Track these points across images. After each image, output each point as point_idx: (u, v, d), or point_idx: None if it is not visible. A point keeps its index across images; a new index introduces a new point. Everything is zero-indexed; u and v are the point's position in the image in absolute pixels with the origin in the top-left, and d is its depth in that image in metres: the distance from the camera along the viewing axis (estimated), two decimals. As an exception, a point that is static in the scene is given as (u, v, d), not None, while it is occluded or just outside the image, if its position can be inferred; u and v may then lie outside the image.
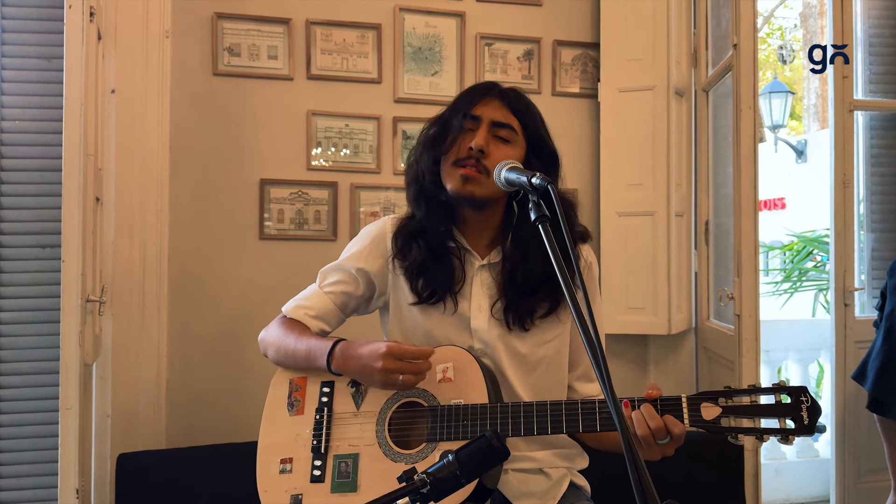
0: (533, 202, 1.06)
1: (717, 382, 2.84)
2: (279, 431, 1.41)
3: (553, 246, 1.00)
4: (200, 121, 2.62)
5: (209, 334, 2.63)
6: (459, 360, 1.34)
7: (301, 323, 1.47)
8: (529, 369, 1.43)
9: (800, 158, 7.28)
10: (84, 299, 1.92)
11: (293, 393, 1.43)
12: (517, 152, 1.41)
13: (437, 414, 1.31)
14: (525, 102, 1.44)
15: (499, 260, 1.44)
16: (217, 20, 2.63)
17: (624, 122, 2.90)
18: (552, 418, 1.26)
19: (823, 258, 5.17)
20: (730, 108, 2.76)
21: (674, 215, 2.87)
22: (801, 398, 1.17)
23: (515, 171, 1.17)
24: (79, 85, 1.88)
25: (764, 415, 1.18)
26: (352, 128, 2.73)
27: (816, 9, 10.22)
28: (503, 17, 2.89)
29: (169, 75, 2.57)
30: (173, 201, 2.57)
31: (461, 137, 1.40)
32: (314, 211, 2.70)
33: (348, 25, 2.74)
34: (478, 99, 1.41)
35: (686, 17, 2.98)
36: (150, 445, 2.47)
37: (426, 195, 1.43)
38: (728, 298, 2.53)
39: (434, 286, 1.40)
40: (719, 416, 1.19)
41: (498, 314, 1.41)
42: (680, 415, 1.20)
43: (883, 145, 3.34)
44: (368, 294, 1.51)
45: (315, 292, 1.51)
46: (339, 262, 1.52)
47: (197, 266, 2.62)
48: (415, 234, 1.43)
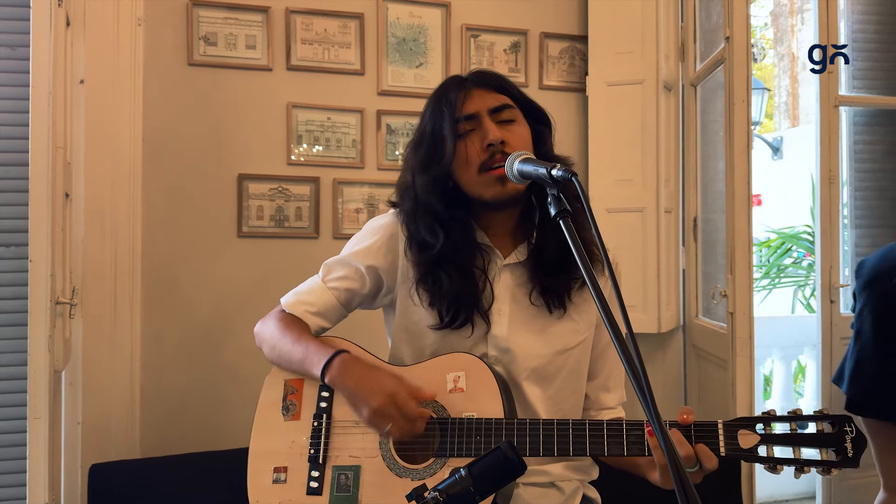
0: (552, 195, 0.98)
1: (707, 381, 2.80)
2: (273, 437, 1.31)
3: (577, 244, 0.93)
4: (175, 113, 2.50)
5: (185, 337, 2.51)
6: (472, 368, 1.25)
7: (300, 321, 1.36)
8: (549, 380, 1.33)
9: (775, 155, 7.32)
10: (53, 301, 1.81)
11: (289, 396, 1.33)
12: (525, 128, 1.32)
13: (448, 427, 1.22)
14: (501, 76, 1.35)
15: (524, 259, 1.34)
16: (192, 7, 2.51)
17: (612, 116, 2.84)
18: (574, 440, 1.17)
19: (800, 254, 5.19)
20: (719, 102, 2.72)
21: (663, 211, 2.82)
22: (845, 428, 1.10)
23: (530, 163, 1.09)
24: (47, 73, 1.77)
25: (805, 444, 1.11)
26: (334, 121, 2.63)
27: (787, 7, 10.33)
28: (489, 8, 2.81)
29: (141, 65, 2.45)
30: (146, 197, 2.45)
31: (467, 143, 1.28)
32: (295, 207, 2.60)
33: (330, 14, 2.63)
34: (459, 97, 1.30)
35: (674, 10, 2.93)
36: (123, 455, 2.35)
37: (442, 221, 1.30)
38: (721, 296, 2.49)
39: (458, 308, 1.29)
40: (757, 445, 1.12)
41: (537, 300, 1.31)
42: (716, 442, 1.13)
43: (867, 141, 3.34)
44: (375, 291, 1.41)
45: (317, 286, 1.40)
46: (345, 256, 1.40)
47: (172, 265, 2.50)
48: (437, 262, 1.30)
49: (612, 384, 1.43)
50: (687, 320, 3.02)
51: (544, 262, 1.30)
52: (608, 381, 1.42)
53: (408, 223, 1.34)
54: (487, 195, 1.28)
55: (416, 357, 1.34)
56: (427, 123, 1.33)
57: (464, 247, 1.30)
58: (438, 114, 1.31)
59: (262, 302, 1.46)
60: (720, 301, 2.52)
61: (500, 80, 1.34)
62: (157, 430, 2.47)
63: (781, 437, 1.11)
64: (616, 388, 1.43)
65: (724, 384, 2.51)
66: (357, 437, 1.26)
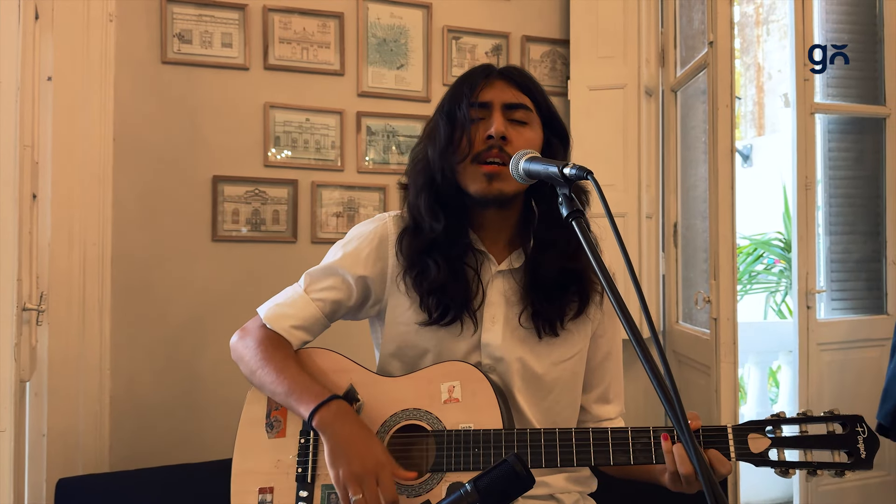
0: (563, 196, 0.94)
1: (689, 387, 2.79)
2: (257, 456, 1.24)
3: (592, 247, 0.89)
4: (147, 112, 2.41)
5: (157, 344, 2.41)
6: (467, 377, 1.19)
7: (283, 341, 1.28)
8: (544, 392, 1.28)
9: (745, 163, 7.41)
10: (20, 308, 1.71)
11: (273, 412, 1.26)
12: (536, 134, 1.27)
13: (443, 440, 1.16)
14: (531, 78, 1.31)
15: (520, 265, 1.29)
16: (166, 4, 2.43)
17: (594, 121, 2.82)
18: (578, 449, 1.13)
19: (770, 261, 5.24)
20: (700, 108, 2.72)
21: (644, 217, 2.81)
22: (857, 428, 1.08)
23: (539, 162, 1.04)
24: (14, 68, 1.68)
25: (816, 446, 1.08)
26: (313, 122, 2.57)
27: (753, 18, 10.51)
28: (471, 10, 2.77)
29: (112, 62, 2.36)
30: (117, 199, 2.36)
31: (472, 130, 1.23)
32: (272, 211, 2.52)
33: (309, 13, 2.57)
34: (480, 82, 1.25)
35: (654, 14, 2.93)
36: (91, 469, 2.25)
37: (442, 202, 1.24)
38: (704, 301, 2.48)
39: (448, 303, 1.23)
40: (767, 449, 1.09)
41: (526, 323, 1.26)
42: (726, 447, 1.09)
43: (841, 148, 3.37)
44: (361, 301, 1.34)
45: (300, 298, 1.32)
46: (330, 265, 1.33)
47: (143, 270, 2.40)
48: (429, 248, 1.24)
49: (611, 395, 1.39)
50: (667, 326, 3.01)
51: (539, 284, 1.25)
52: (607, 393, 1.38)
53: (411, 201, 1.28)
54: (472, 188, 1.23)
55: (406, 368, 1.28)
56: (446, 102, 1.28)
57: (456, 238, 1.25)
58: (457, 95, 1.26)
59: (237, 308, 1.38)
60: (703, 307, 2.51)
61: (528, 80, 1.29)
62: (128, 442, 2.37)
63: (792, 439, 1.09)
64: (616, 400, 1.39)
65: (707, 390, 2.50)
66: (348, 453, 1.19)
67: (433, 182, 1.25)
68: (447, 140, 1.24)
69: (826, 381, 3.02)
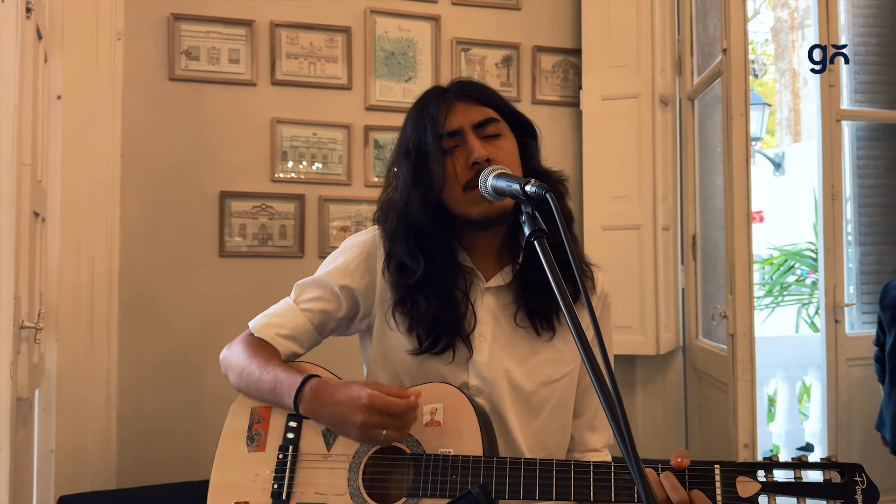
0: (527, 214, 0.90)
1: (707, 405, 2.70)
2: (235, 469, 1.21)
3: (553, 269, 0.84)
4: (155, 129, 2.43)
5: (164, 359, 2.42)
6: (451, 400, 1.15)
7: (269, 345, 1.26)
8: (533, 413, 1.24)
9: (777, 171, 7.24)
10: (17, 326, 1.72)
11: (254, 425, 1.23)
12: (511, 142, 1.24)
13: (422, 464, 1.12)
14: (485, 87, 1.27)
15: (508, 282, 1.26)
16: (174, 21, 2.44)
17: (607, 131, 2.76)
18: (558, 482, 1.07)
19: (804, 272, 5.09)
20: (717, 116, 2.64)
21: (660, 229, 2.73)
22: (856, 478, 1.00)
23: (504, 178, 1.00)
24: (12, 86, 1.69)
25: (810, 494, 1.01)
26: (320, 136, 2.56)
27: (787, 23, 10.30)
28: (480, 21, 2.74)
29: (121, 80, 2.38)
30: (125, 215, 2.37)
31: (451, 161, 1.20)
32: (279, 225, 2.51)
33: (316, 28, 2.57)
34: (441, 109, 1.21)
35: (670, 22, 2.86)
36: (98, 485, 2.26)
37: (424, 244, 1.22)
38: (721, 317, 2.39)
39: (439, 333, 1.20)
40: (757, 494, 1.02)
41: (523, 322, 1.23)
42: (712, 489, 1.03)
43: (870, 156, 3.25)
44: (351, 314, 1.31)
45: (289, 308, 1.30)
46: (319, 277, 1.31)
47: (150, 285, 2.41)
48: (416, 286, 1.21)
49: (598, 423, 1.33)
50: (687, 341, 2.92)
51: (530, 284, 1.22)
52: (594, 420, 1.32)
53: (390, 242, 1.25)
54: (474, 213, 1.20)
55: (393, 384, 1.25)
56: (409, 138, 1.24)
57: (446, 269, 1.22)
58: (421, 129, 1.22)
59: (244, 323, 1.36)
60: (720, 322, 2.43)
61: (484, 91, 1.26)
62: (134, 457, 2.38)
63: (785, 485, 1.01)
64: (602, 429, 1.34)
65: (726, 408, 2.41)
66: (324, 472, 1.16)
67: (408, 226, 1.22)
68: (423, 180, 1.21)
69: (856, 397, 2.90)
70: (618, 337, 2.77)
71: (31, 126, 1.83)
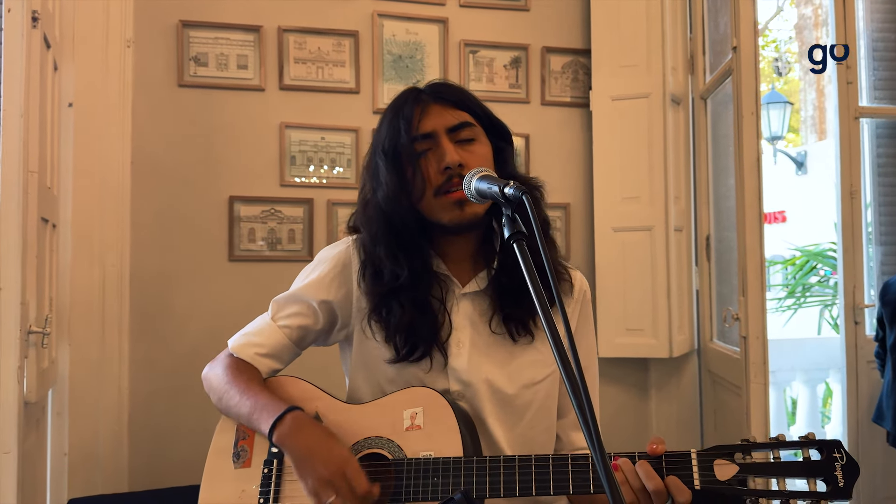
0: (506, 216, 0.89)
1: (722, 409, 2.66)
2: (222, 486, 1.22)
3: (531, 270, 0.83)
4: (165, 135, 2.45)
5: (175, 363, 2.44)
6: (431, 404, 1.15)
7: (249, 367, 1.26)
8: (516, 417, 1.23)
9: (800, 170, 7.12)
10: (24, 331, 1.74)
11: (240, 441, 1.24)
12: (486, 146, 1.22)
13: (403, 469, 1.12)
14: (461, 90, 1.25)
15: (484, 287, 1.24)
16: (182, 28, 2.47)
17: (618, 131, 2.73)
18: (538, 477, 1.06)
19: (827, 272, 5.00)
20: (730, 115, 2.60)
21: (673, 230, 2.70)
22: (835, 454, 0.98)
23: (486, 181, 0.99)
24: (18, 95, 1.71)
25: (790, 474, 0.99)
26: (328, 141, 2.56)
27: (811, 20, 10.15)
28: (488, 23, 2.73)
29: (131, 87, 2.41)
30: (135, 220, 2.40)
31: (424, 164, 1.18)
32: (288, 230, 2.53)
33: (323, 33, 2.58)
34: (415, 111, 1.19)
35: (682, 20, 2.83)
36: (110, 487, 2.28)
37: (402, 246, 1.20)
38: (733, 319, 2.35)
39: (415, 341, 1.19)
40: (736, 476, 1.00)
41: (498, 328, 1.22)
42: (689, 474, 1.01)
43: (890, 154, 3.18)
44: (328, 327, 1.31)
45: (267, 325, 1.30)
46: (295, 291, 1.30)
47: (161, 290, 2.44)
48: (393, 292, 1.20)
49: None
50: (702, 344, 2.88)
51: (506, 289, 1.20)
52: None
53: (368, 248, 1.23)
54: (445, 219, 1.18)
55: (376, 394, 1.24)
56: (384, 140, 1.23)
57: (421, 276, 1.20)
58: (395, 131, 1.21)
59: None
60: (732, 324, 2.39)
61: (460, 94, 1.24)
62: (146, 460, 2.40)
63: (763, 466, 1.00)
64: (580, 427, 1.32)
65: (740, 412, 2.37)
66: (309, 484, 1.15)
67: (390, 227, 1.20)
68: (399, 181, 1.19)
69: (877, 399, 2.83)
70: (630, 340, 2.74)
71: (37, 133, 1.85)
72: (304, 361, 1.37)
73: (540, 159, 2.75)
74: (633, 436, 2.80)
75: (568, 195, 2.79)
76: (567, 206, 2.77)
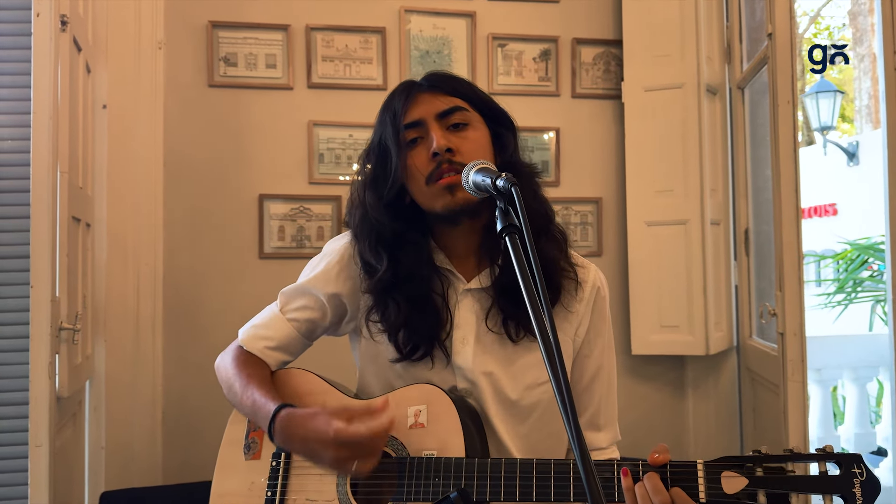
0: (499, 209, 0.86)
1: (762, 408, 2.57)
2: (233, 477, 1.22)
3: (522, 267, 0.80)
4: (195, 135, 2.49)
5: (207, 360, 2.42)
6: (434, 401, 1.13)
7: (257, 361, 1.26)
8: (521, 417, 1.20)
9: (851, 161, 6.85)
10: (55, 327, 1.79)
11: (251, 433, 1.24)
12: (481, 131, 1.19)
13: (406, 468, 1.10)
14: (455, 77, 1.23)
15: (488, 285, 1.21)
16: (212, 29, 2.50)
17: (651, 123, 2.67)
18: (538, 482, 1.03)
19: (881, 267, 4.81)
20: (767, 105, 2.52)
21: (709, 223, 2.62)
22: (854, 469, 0.92)
23: (482, 173, 0.96)
24: (48, 97, 1.75)
25: (804, 489, 0.93)
26: (356, 138, 2.57)
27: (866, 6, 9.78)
28: (517, 15, 2.70)
29: (162, 88, 2.45)
30: (167, 219, 2.44)
31: (413, 154, 1.16)
32: (317, 227, 2.54)
33: (350, 30, 2.58)
34: (403, 102, 1.17)
35: (717, 8, 2.75)
36: (145, 480, 2.33)
37: (387, 243, 1.18)
38: (770, 315, 2.28)
39: (416, 340, 1.17)
40: (745, 490, 0.95)
41: (495, 327, 1.19)
42: (695, 486, 0.97)
43: (943, 142, 3.03)
44: (337, 319, 1.30)
45: (276, 318, 1.30)
46: (303, 284, 1.30)
47: (193, 287, 2.48)
48: (386, 288, 1.18)
49: (602, 422, 1.27)
50: (741, 341, 2.79)
51: (507, 288, 1.17)
52: (597, 419, 1.26)
53: (357, 245, 1.22)
54: (439, 206, 1.15)
55: (385, 388, 1.23)
56: (375, 134, 1.22)
57: (416, 271, 1.18)
58: (382, 125, 1.19)
59: None
60: (769, 320, 2.31)
61: (453, 80, 1.22)
62: (180, 454, 2.44)
63: (775, 480, 0.94)
64: (608, 427, 1.28)
65: (779, 411, 2.29)
66: (315, 479, 1.15)
67: (366, 222, 1.19)
68: (378, 175, 1.18)
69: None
70: (665, 337, 2.68)
71: (66, 134, 1.89)
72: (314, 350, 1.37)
73: (571, 153, 2.71)
74: (668, 435, 2.74)
75: (600, 189, 2.73)
76: (599, 201, 2.72)
